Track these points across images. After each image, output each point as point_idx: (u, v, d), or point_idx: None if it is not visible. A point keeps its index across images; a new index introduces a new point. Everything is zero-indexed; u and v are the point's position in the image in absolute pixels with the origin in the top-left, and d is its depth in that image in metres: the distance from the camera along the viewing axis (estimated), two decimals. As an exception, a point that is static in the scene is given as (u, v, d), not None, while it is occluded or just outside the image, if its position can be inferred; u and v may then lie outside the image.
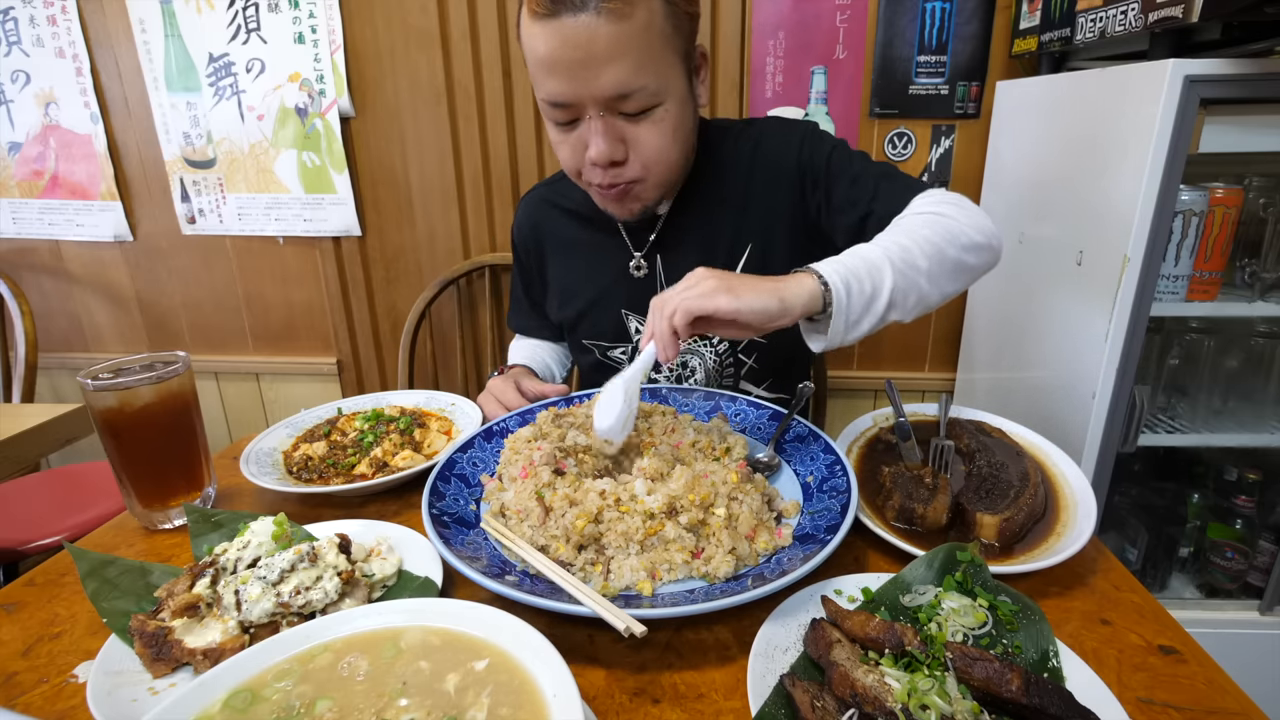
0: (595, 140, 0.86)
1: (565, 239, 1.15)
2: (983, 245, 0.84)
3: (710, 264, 1.00)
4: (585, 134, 0.87)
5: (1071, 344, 1.37)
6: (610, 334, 1.13)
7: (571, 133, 0.88)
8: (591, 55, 0.79)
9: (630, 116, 0.86)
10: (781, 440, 0.86)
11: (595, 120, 0.85)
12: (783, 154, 1.01)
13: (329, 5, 1.69)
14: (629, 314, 1.11)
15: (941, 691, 0.47)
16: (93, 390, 0.76)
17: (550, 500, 0.70)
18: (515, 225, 1.22)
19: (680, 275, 1.02)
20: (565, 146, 0.91)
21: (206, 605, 0.60)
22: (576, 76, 0.80)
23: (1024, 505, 0.71)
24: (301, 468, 0.88)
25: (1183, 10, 1.03)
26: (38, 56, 1.80)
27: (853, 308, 0.73)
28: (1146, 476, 1.61)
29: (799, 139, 1.01)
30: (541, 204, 1.18)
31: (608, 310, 1.11)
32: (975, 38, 1.63)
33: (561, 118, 0.87)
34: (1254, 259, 1.33)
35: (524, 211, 1.21)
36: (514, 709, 0.40)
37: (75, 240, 1.97)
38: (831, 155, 0.99)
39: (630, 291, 1.09)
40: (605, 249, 1.10)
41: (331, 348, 2.04)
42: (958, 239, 0.81)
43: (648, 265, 1.08)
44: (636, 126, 0.87)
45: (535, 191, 1.21)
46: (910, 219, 0.84)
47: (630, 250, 1.08)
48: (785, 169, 1.01)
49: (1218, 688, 0.54)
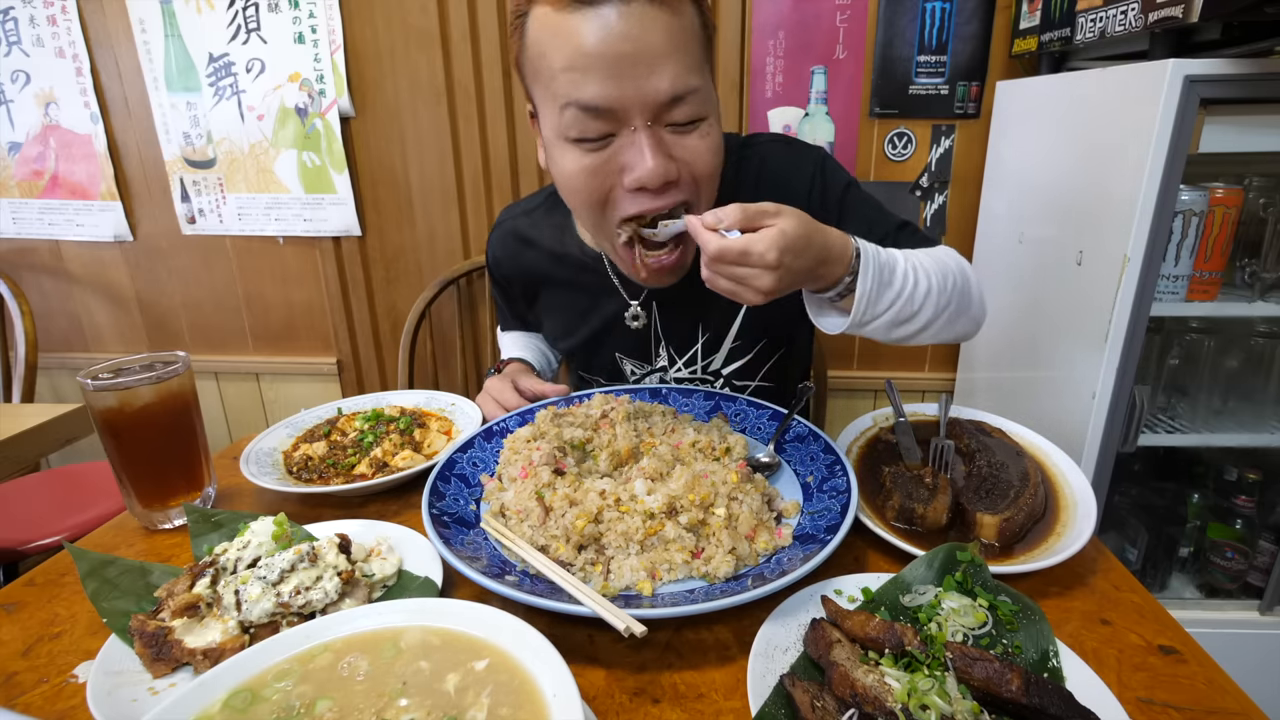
0: (645, 156, 0.71)
1: (550, 277, 1.05)
2: (975, 318, 0.88)
3: (709, 311, 0.98)
4: (623, 153, 0.73)
5: (1071, 344, 1.37)
6: (606, 373, 1.09)
7: (600, 152, 0.73)
8: (646, 49, 0.67)
9: (678, 128, 0.73)
10: (781, 440, 0.86)
11: (642, 133, 0.71)
12: (793, 178, 0.93)
13: (329, 5, 1.69)
14: (624, 358, 1.05)
15: (941, 691, 0.47)
16: (93, 390, 0.76)
17: (550, 500, 0.70)
18: (490, 254, 1.11)
19: (678, 325, 1.01)
20: (588, 173, 0.75)
21: (206, 605, 0.60)
22: (626, 75, 0.68)
23: (1024, 505, 0.71)
24: (301, 468, 0.88)
25: (1183, 10, 1.03)
26: (38, 56, 1.80)
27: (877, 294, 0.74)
28: (1146, 476, 1.61)
29: (812, 164, 0.94)
30: (515, 242, 1.06)
31: (601, 352, 1.06)
32: (975, 38, 1.63)
33: (596, 130, 0.72)
34: (1254, 259, 1.33)
35: (499, 245, 1.09)
36: (514, 709, 0.40)
37: (75, 240, 1.97)
38: (848, 190, 0.94)
39: (625, 339, 1.03)
40: (596, 295, 1.01)
41: (331, 348, 2.04)
42: (967, 307, 0.84)
43: (645, 316, 0.99)
44: (685, 138, 0.74)
45: (505, 225, 1.08)
46: (939, 255, 0.84)
47: (624, 299, 0.99)
48: (795, 195, 0.90)
49: (1218, 688, 0.54)
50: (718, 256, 0.65)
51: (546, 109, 0.75)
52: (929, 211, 1.79)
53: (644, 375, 1.08)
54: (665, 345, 1.03)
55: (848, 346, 1.92)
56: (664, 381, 1.07)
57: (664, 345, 1.03)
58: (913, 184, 1.76)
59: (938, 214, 1.79)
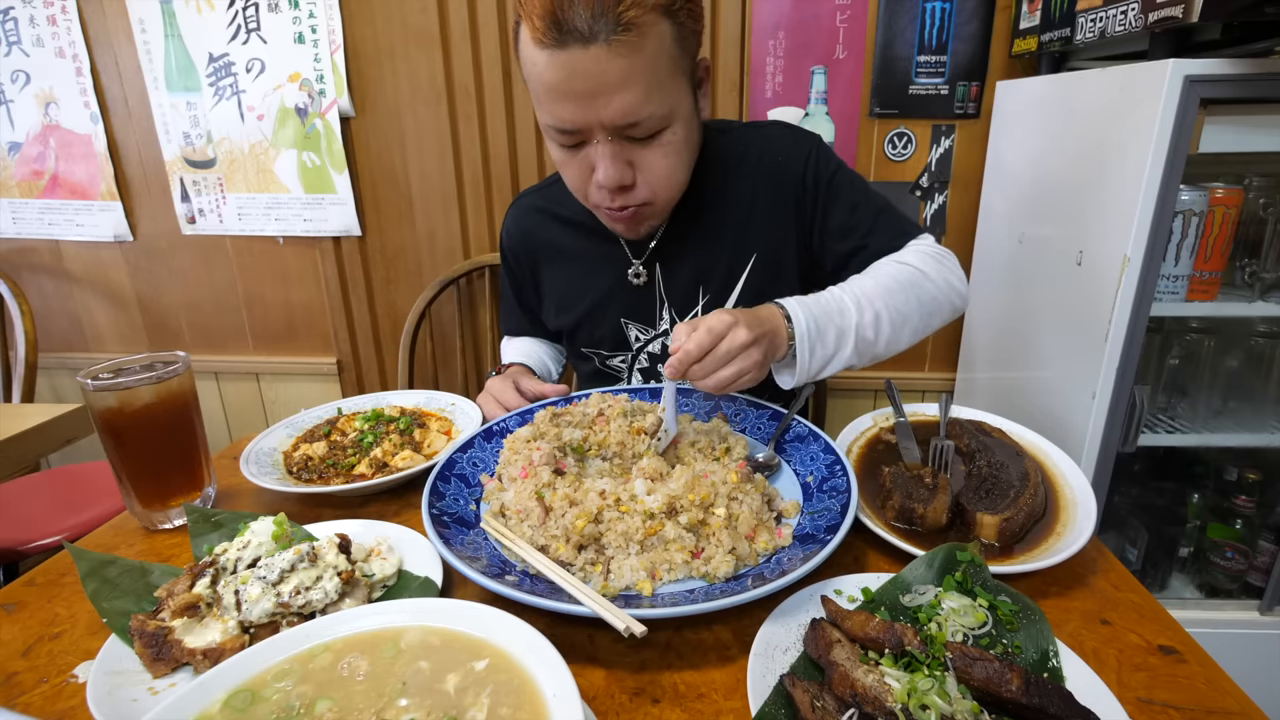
0: (603, 165, 0.84)
1: (560, 247, 1.12)
2: (946, 309, 0.93)
3: (711, 274, 1.03)
4: (592, 156, 0.85)
5: (1071, 344, 1.37)
6: (609, 342, 1.11)
7: (577, 154, 0.86)
8: (602, 85, 0.77)
9: (638, 140, 0.84)
10: (781, 440, 0.86)
11: (603, 145, 0.83)
12: (789, 161, 1.01)
13: (329, 5, 1.69)
14: (628, 322, 1.09)
15: (941, 691, 0.47)
16: (93, 390, 0.76)
17: (550, 500, 0.70)
18: (504, 233, 1.19)
19: (680, 285, 1.06)
20: (570, 167, 0.89)
21: (206, 605, 0.60)
22: (584, 105, 0.79)
23: (1024, 505, 0.71)
24: (301, 468, 0.88)
25: (1183, 10, 1.03)
26: (38, 56, 1.80)
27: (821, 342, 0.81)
28: (1146, 476, 1.61)
29: (807, 149, 1.01)
30: (533, 212, 1.15)
31: (606, 318, 1.10)
32: (975, 38, 1.63)
33: (567, 142, 0.85)
34: (1254, 259, 1.33)
35: (513, 220, 1.18)
36: (514, 709, 0.40)
37: (75, 240, 1.97)
38: (836, 174, 1.00)
39: (629, 299, 1.07)
40: (602, 257, 1.08)
41: (331, 348, 2.04)
42: (925, 306, 0.89)
43: (647, 273, 1.06)
44: (645, 150, 0.85)
45: (525, 199, 1.18)
46: (890, 270, 0.90)
47: (629, 258, 1.06)
48: (789, 177, 1.00)
49: (1218, 688, 0.54)
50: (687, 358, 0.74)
51: (538, 108, 0.86)
52: (929, 211, 1.79)
53: (648, 341, 1.09)
54: (668, 306, 1.07)
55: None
56: (665, 347, 1.08)
57: (667, 307, 1.07)
58: (913, 184, 1.76)
59: (938, 214, 1.79)
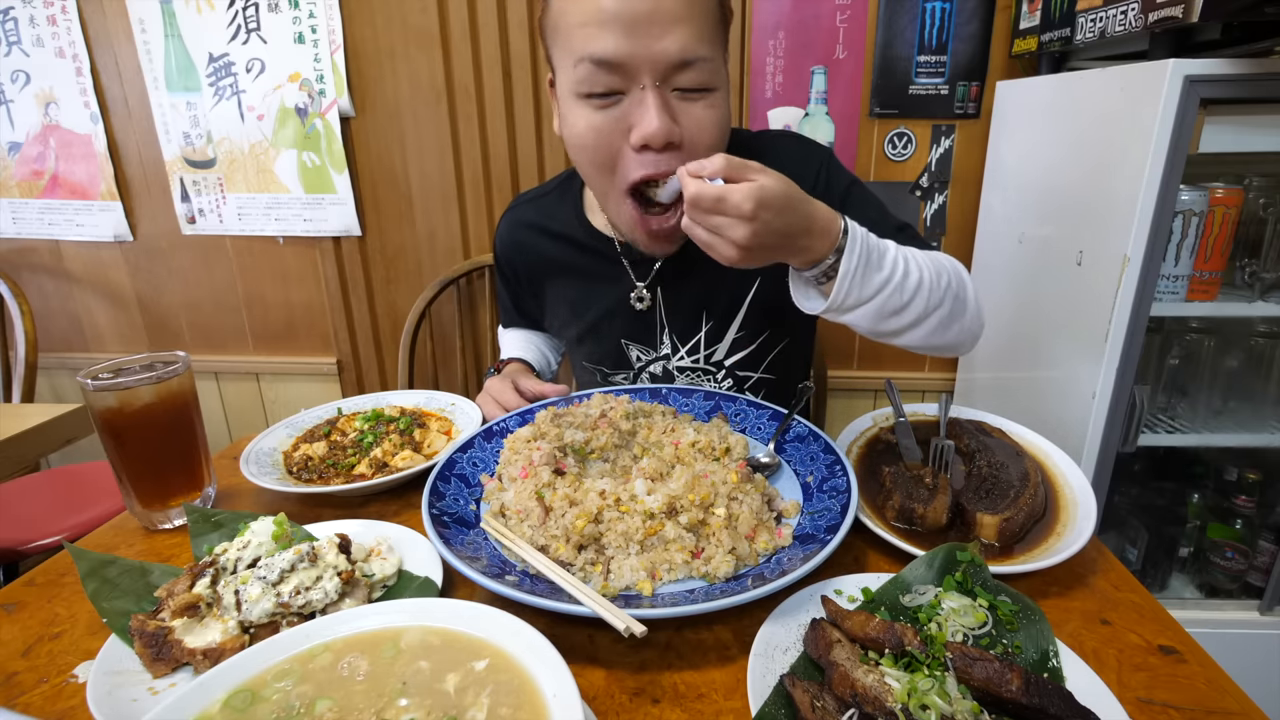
0: (649, 115, 0.74)
1: (558, 263, 1.07)
2: (971, 329, 0.85)
3: (714, 300, 1.00)
4: (630, 111, 0.76)
5: (1071, 344, 1.37)
6: (611, 361, 1.08)
7: (610, 109, 0.77)
8: (661, 11, 0.71)
9: (686, 93, 0.76)
10: (781, 440, 0.86)
11: (650, 91, 0.74)
12: (800, 174, 0.93)
13: (329, 5, 1.69)
14: (629, 343, 1.05)
15: (941, 691, 0.47)
16: (93, 390, 0.76)
17: (550, 500, 0.70)
18: (498, 242, 1.14)
19: (683, 311, 1.01)
20: (596, 131, 0.78)
21: (206, 605, 0.60)
22: (637, 32, 0.71)
23: (1024, 505, 0.71)
24: (301, 468, 0.88)
25: (1183, 10, 1.03)
26: (38, 56, 1.80)
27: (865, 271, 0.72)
28: (1146, 476, 1.61)
29: (819, 162, 0.96)
30: (524, 229, 1.09)
31: (607, 338, 1.06)
32: (975, 38, 1.63)
33: (604, 86, 0.75)
34: (1254, 259, 1.33)
35: (506, 233, 1.11)
36: (514, 709, 0.40)
37: (75, 240, 1.97)
38: (850, 188, 0.95)
39: (629, 322, 1.03)
40: (603, 277, 1.02)
41: (331, 348, 2.04)
42: (961, 313, 0.82)
43: (650, 298, 1.01)
44: (692, 105, 0.77)
45: (516, 211, 1.11)
46: (936, 257, 0.82)
47: (632, 279, 1.01)
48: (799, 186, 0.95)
49: (1218, 688, 0.54)
50: (694, 201, 0.67)
51: (563, 65, 0.79)
52: (929, 211, 1.79)
53: (649, 362, 1.08)
54: (669, 332, 1.04)
55: (848, 346, 1.92)
56: (667, 370, 1.07)
57: (668, 332, 1.04)
58: (913, 184, 1.76)
59: (938, 214, 1.79)
